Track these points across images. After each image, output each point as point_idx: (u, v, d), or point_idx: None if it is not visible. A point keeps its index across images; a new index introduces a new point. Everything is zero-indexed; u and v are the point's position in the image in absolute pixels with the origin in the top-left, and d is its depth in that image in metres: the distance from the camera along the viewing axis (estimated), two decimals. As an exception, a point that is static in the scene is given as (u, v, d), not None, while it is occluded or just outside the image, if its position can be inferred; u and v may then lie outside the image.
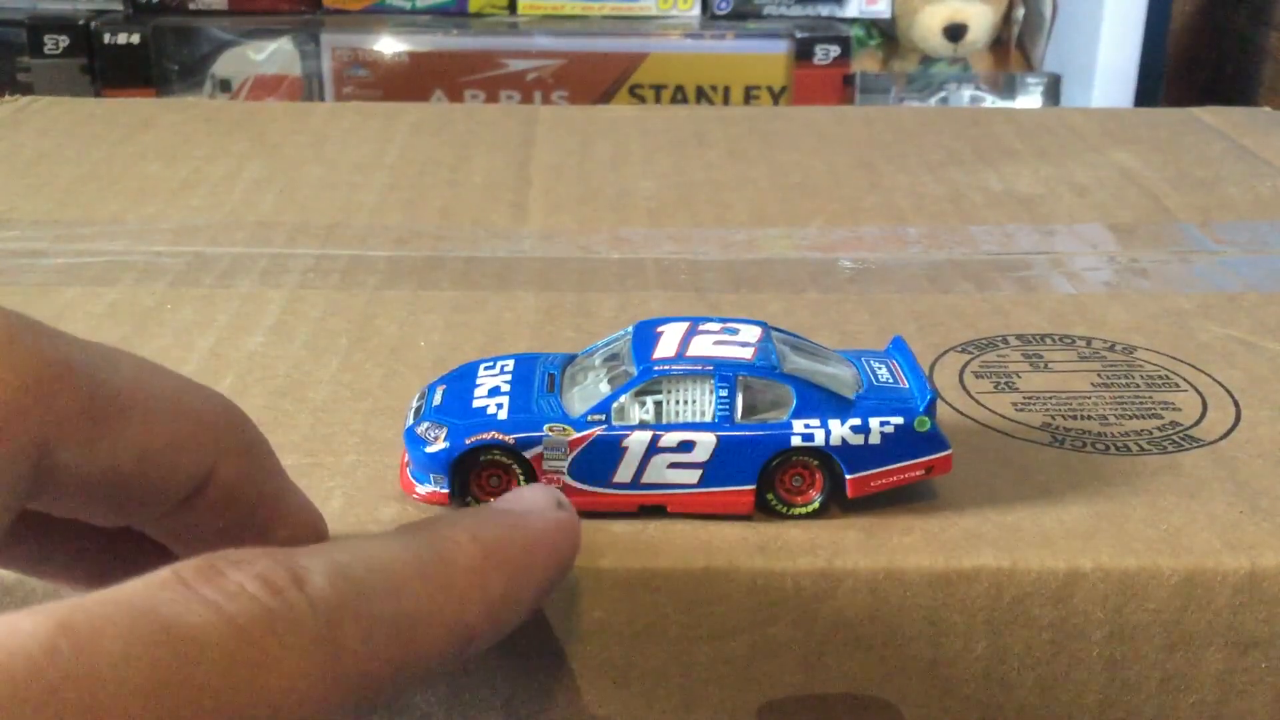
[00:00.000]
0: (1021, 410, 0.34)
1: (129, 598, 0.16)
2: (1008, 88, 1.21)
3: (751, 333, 0.29)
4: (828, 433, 0.28)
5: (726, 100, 1.17)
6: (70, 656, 0.15)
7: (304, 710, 0.17)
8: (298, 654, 0.17)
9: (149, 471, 0.20)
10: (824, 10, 1.24)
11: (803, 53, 1.18)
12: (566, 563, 0.23)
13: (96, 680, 0.15)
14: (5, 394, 0.18)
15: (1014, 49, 1.28)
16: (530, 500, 0.24)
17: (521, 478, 0.28)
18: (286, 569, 0.18)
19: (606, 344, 0.30)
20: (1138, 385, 0.35)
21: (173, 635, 0.16)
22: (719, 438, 0.28)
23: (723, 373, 0.28)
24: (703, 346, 0.28)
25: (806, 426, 0.28)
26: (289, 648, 0.17)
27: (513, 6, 1.22)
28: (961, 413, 0.33)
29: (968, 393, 0.34)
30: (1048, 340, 0.38)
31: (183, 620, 0.16)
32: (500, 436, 0.27)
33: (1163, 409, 0.34)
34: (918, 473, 0.28)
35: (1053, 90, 1.20)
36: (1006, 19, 1.26)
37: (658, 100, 1.17)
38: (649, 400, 0.28)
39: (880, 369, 0.30)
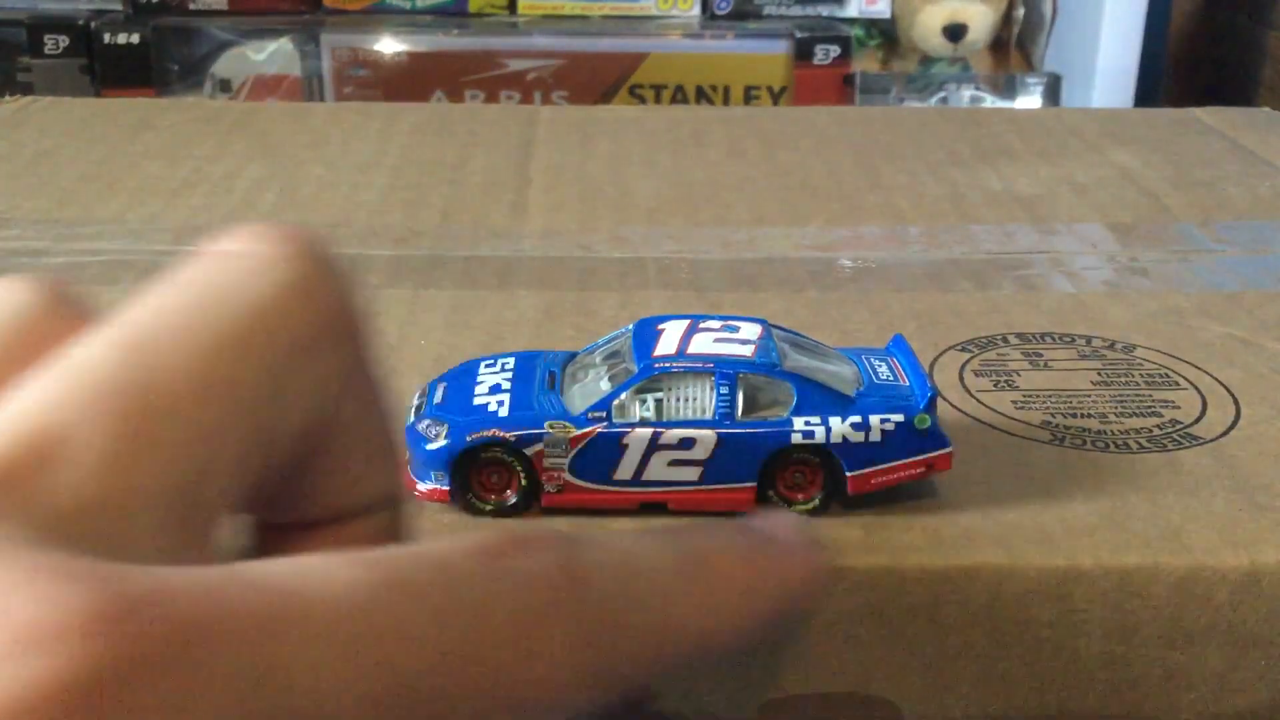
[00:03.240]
0: (1021, 408, 0.34)
1: (444, 560, 0.16)
2: (1008, 88, 1.21)
3: (752, 330, 0.29)
4: (828, 430, 0.28)
5: (726, 100, 1.17)
6: (393, 611, 0.15)
7: (556, 703, 0.17)
8: (571, 648, 0.17)
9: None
10: (824, 10, 1.24)
11: (803, 53, 1.18)
12: (809, 601, 0.24)
13: (410, 639, 0.15)
14: (319, 316, 0.18)
15: (1014, 49, 1.28)
16: (791, 530, 0.24)
17: (522, 475, 0.28)
18: (571, 559, 0.18)
19: (607, 342, 0.30)
20: (1137, 383, 0.35)
21: (479, 607, 0.16)
22: (719, 435, 0.28)
23: (723, 370, 0.28)
24: (703, 344, 0.29)
25: (807, 424, 0.28)
26: (566, 641, 0.17)
27: (513, 6, 1.22)
28: (961, 411, 0.33)
29: (968, 391, 0.35)
30: (1048, 339, 0.38)
31: (486, 595, 0.16)
32: (501, 434, 0.28)
33: (1162, 407, 0.34)
34: (918, 470, 0.28)
35: (1053, 90, 1.20)
36: (1006, 19, 1.26)
37: (658, 100, 1.17)
38: (650, 398, 0.28)
39: (880, 367, 0.30)
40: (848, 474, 0.28)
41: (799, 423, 0.28)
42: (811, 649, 0.27)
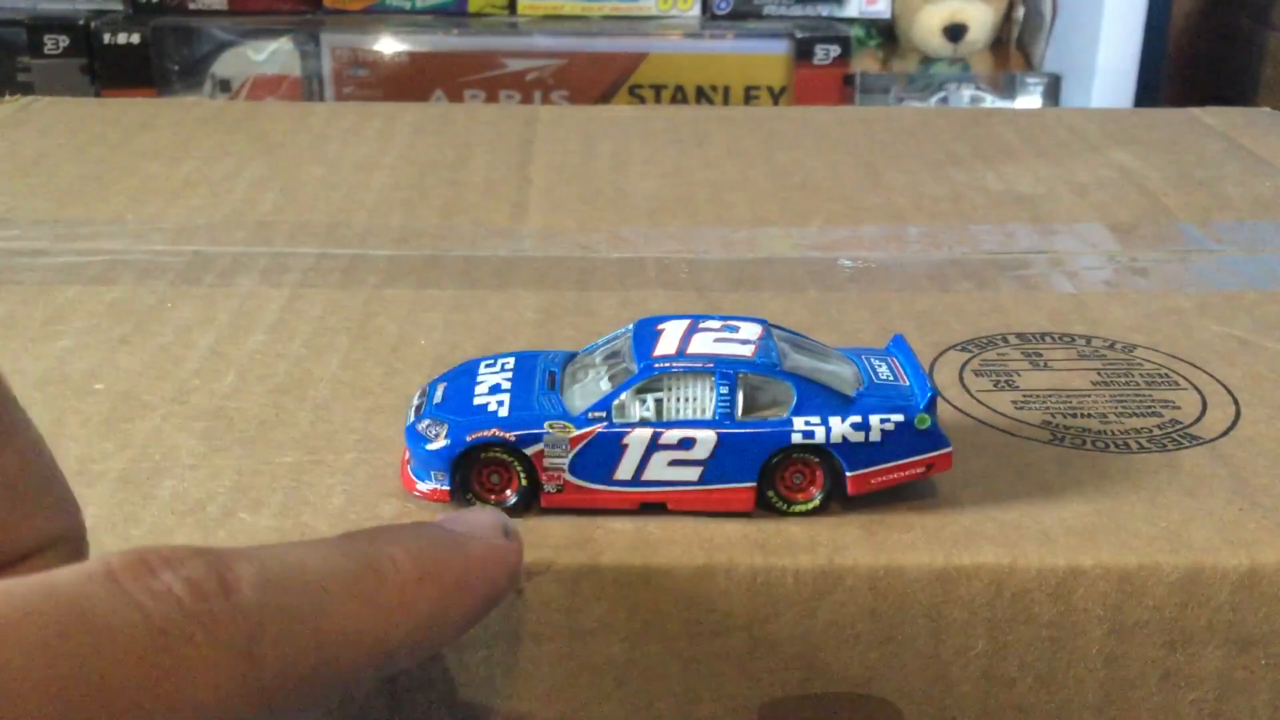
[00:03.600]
0: (1021, 408, 0.34)
1: (55, 587, 0.16)
2: (1008, 88, 1.21)
3: (752, 330, 0.29)
4: (828, 430, 0.28)
5: (726, 100, 1.17)
6: (3, 642, 0.15)
7: (214, 717, 0.17)
8: (214, 663, 0.17)
9: None
10: (824, 10, 1.24)
11: (803, 53, 1.18)
12: (499, 593, 0.23)
13: (12, 669, 0.15)
14: None
15: (1014, 49, 1.28)
16: (475, 523, 0.24)
17: (522, 475, 0.28)
18: (216, 574, 0.17)
19: (607, 342, 0.30)
20: (1137, 383, 0.35)
21: (93, 631, 0.16)
22: (719, 435, 0.28)
23: (723, 370, 0.28)
24: (703, 344, 0.29)
25: (807, 424, 0.28)
26: (206, 656, 0.17)
27: (513, 6, 1.22)
28: (961, 411, 0.33)
29: (968, 391, 0.35)
30: (1047, 339, 0.38)
31: (105, 616, 0.16)
32: (501, 434, 0.28)
33: (1162, 407, 0.34)
34: (918, 470, 0.28)
35: (1053, 90, 1.20)
36: (1006, 19, 1.26)
37: (658, 100, 1.17)
38: (650, 398, 0.28)
39: (880, 367, 0.30)
40: (848, 474, 0.28)
41: (799, 423, 0.28)
42: (811, 649, 0.27)
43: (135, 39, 1.15)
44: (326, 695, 0.19)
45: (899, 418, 0.28)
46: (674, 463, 0.28)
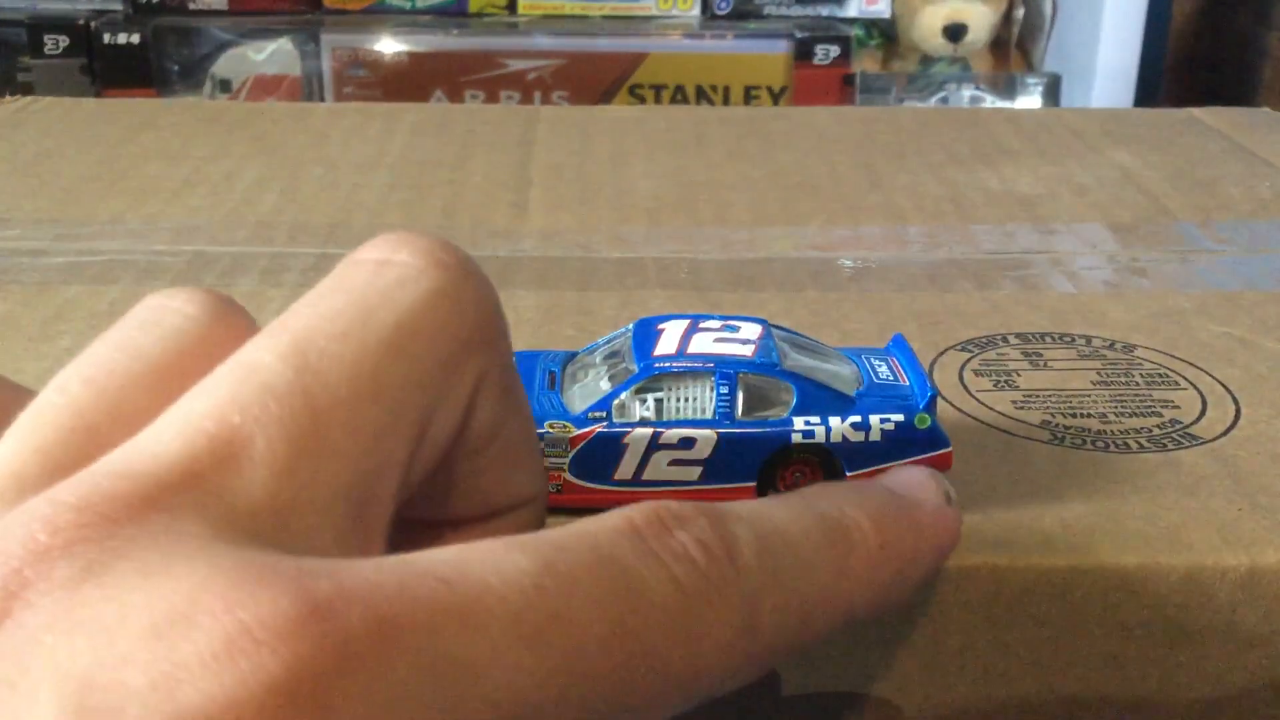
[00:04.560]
0: (1021, 408, 0.34)
1: (596, 542, 0.16)
2: (1008, 88, 1.21)
3: (752, 330, 0.29)
4: (828, 430, 0.28)
5: (726, 100, 1.18)
6: (555, 595, 0.15)
7: (715, 682, 0.17)
8: (722, 626, 0.17)
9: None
10: (824, 10, 1.24)
11: (803, 53, 1.18)
12: (943, 561, 0.24)
13: (573, 623, 0.15)
14: (468, 321, 0.18)
15: (1014, 49, 1.28)
16: (921, 487, 0.24)
17: (522, 475, 0.28)
18: (719, 535, 0.18)
19: (607, 341, 0.30)
20: (1137, 383, 0.35)
21: (633, 590, 0.16)
22: (719, 435, 0.28)
23: (723, 370, 0.28)
24: (703, 344, 0.29)
25: (807, 423, 0.28)
26: (717, 619, 0.17)
27: (513, 6, 1.22)
28: (961, 411, 0.33)
29: (967, 391, 0.35)
30: (1047, 339, 0.38)
31: (640, 576, 0.16)
32: (501, 434, 0.27)
33: (1162, 407, 0.34)
34: (918, 470, 0.28)
35: (1053, 90, 1.21)
36: (1006, 19, 1.26)
37: (658, 100, 1.17)
38: (649, 397, 0.28)
39: (880, 366, 0.30)
40: (848, 474, 0.28)
41: (799, 422, 0.28)
42: (812, 649, 0.27)
43: (135, 39, 1.15)
44: (794, 658, 0.19)
45: (899, 417, 0.28)
46: (674, 462, 0.28)
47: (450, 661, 0.14)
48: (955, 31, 1.22)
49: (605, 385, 0.29)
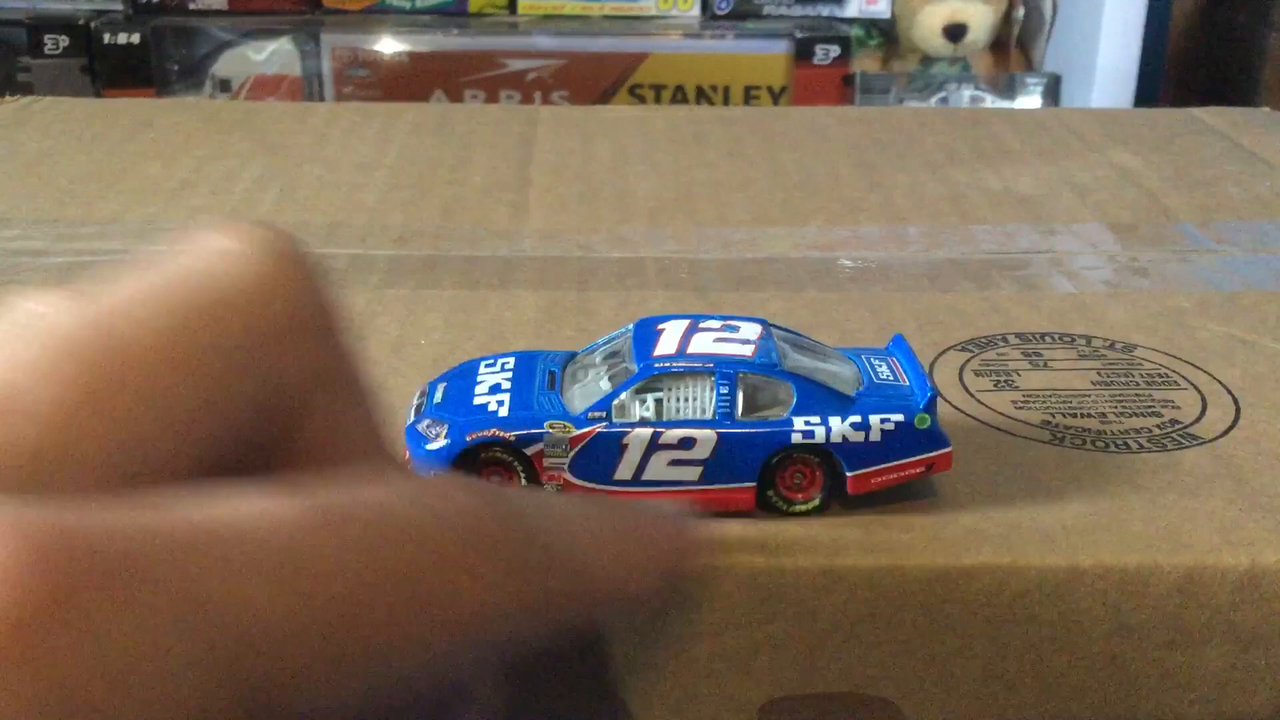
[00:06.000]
0: (1021, 408, 0.34)
1: (373, 493, 0.17)
2: (1008, 88, 1.21)
3: (752, 330, 0.29)
4: (828, 430, 0.28)
5: (726, 100, 1.18)
6: (313, 532, 0.16)
7: (492, 629, 0.17)
8: (499, 573, 0.17)
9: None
10: (824, 10, 1.24)
11: (803, 53, 1.18)
12: (690, 567, 0.24)
13: (338, 567, 0.16)
14: (294, 308, 0.19)
15: (1014, 49, 1.28)
16: (668, 506, 0.25)
17: (522, 475, 0.28)
18: (506, 500, 0.18)
19: (607, 341, 0.30)
20: (1137, 383, 0.35)
21: (404, 538, 0.17)
22: (719, 435, 0.28)
23: (723, 370, 0.28)
24: (703, 344, 0.29)
25: (807, 424, 0.28)
26: (492, 567, 0.17)
27: (513, 6, 1.22)
28: (961, 411, 0.33)
29: (967, 391, 0.35)
30: (1047, 339, 0.38)
31: (412, 525, 0.17)
32: (501, 434, 0.28)
33: (1162, 407, 0.34)
34: (918, 470, 0.28)
35: (1053, 90, 1.21)
36: (1006, 19, 1.26)
37: (658, 100, 1.17)
38: (650, 397, 0.28)
39: (880, 366, 0.30)
40: (848, 474, 0.28)
41: (799, 423, 0.28)
42: (811, 649, 0.27)
43: (135, 39, 1.15)
44: (564, 628, 0.20)
45: (899, 418, 0.28)
46: (674, 462, 0.28)
47: (188, 602, 0.14)
48: (955, 31, 1.22)
49: (605, 385, 0.29)
